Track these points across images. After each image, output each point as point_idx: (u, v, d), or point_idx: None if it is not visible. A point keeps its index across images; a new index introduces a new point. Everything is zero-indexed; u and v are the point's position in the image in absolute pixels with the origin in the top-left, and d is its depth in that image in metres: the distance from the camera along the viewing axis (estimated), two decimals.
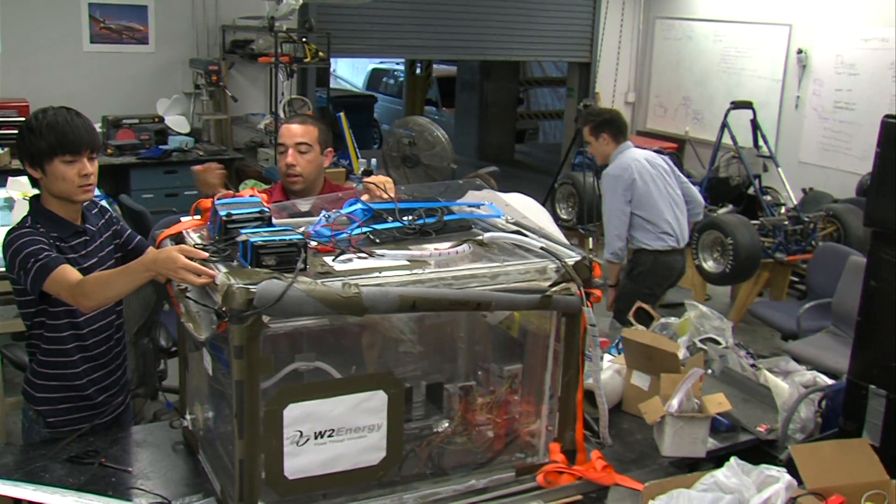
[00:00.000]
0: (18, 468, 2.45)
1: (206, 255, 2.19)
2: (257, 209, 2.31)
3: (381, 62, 16.84)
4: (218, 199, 2.38)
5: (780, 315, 5.83)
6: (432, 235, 2.49)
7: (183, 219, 2.54)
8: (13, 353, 3.98)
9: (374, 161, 7.15)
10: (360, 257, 2.28)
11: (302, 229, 2.37)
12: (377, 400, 2.17)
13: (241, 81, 8.11)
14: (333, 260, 2.24)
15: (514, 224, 2.67)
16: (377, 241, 2.41)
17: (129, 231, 2.93)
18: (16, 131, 6.83)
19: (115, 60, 7.59)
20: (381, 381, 2.20)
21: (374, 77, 17.05)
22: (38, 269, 2.50)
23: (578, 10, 10.05)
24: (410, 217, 2.52)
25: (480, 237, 2.50)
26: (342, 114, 7.89)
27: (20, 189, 4.90)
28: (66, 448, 2.53)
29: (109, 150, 7.04)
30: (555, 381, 2.45)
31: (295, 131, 3.40)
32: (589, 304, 2.34)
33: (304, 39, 7.27)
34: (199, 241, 2.33)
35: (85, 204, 2.81)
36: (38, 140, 2.58)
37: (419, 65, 15.30)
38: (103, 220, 2.88)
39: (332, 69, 20.11)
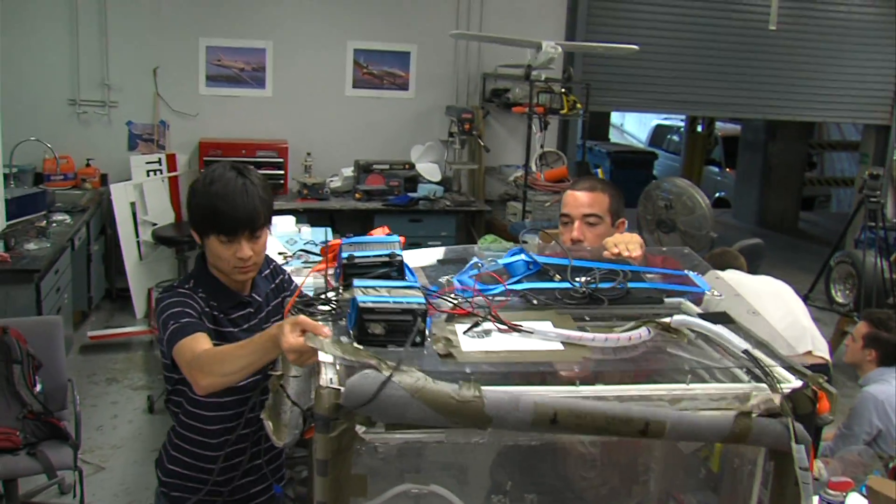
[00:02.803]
0: None
1: (328, 331, 1.73)
2: (387, 251, 1.88)
3: (666, 118, 16.21)
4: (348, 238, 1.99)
5: None
6: (604, 304, 1.96)
7: None
8: None
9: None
10: (500, 330, 1.78)
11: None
12: None
13: (498, 131, 7.87)
14: (465, 332, 1.76)
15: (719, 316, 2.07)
16: (534, 302, 1.93)
17: None
18: (273, 171, 7.05)
19: (375, 105, 7.62)
20: None
21: (658, 133, 16.45)
22: (171, 333, 2.22)
23: (878, 67, 8.97)
24: (585, 278, 2.00)
25: (667, 319, 1.91)
26: (599, 170, 7.45)
27: None
28: None
29: (358, 195, 7.02)
30: None
31: (582, 200, 2.82)
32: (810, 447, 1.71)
33: (563, 90, 6.90)
34: (311, 295, 1.92)
35: (265, 274, 2.54)
36: (197, 209, 2.32)
37: (701, 122, 14.48)
38: (273, 285, 2.55)
39: (620, 123, 19.90)
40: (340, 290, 1.86)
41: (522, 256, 2.07)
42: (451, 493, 1.78)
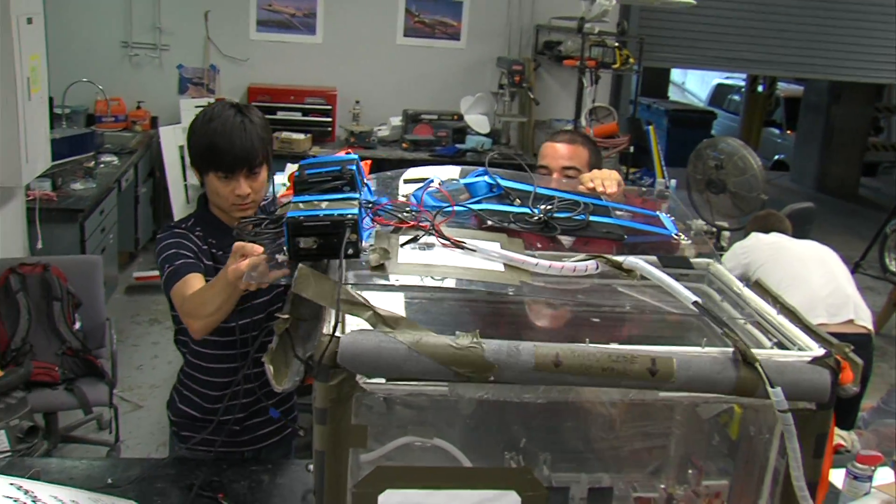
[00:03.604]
0: (136, 484, 2.20)
1: (261, 250, 1.77)
2: (337, 168, 1.79)
3: (727, 77, 15.83)
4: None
5: None
6: (556, 231, 1.87)
7: None
8: None
9: (674, 182, 6.47)
10: (443, 244, 1.74)
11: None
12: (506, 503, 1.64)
13: (549, 84, 7.74)
14: (403, 245, 1.72)
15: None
16: (488, 223, 1.86)
17: None
18: (321, 118, 7.00)
19: (425, 55, 7.53)
20: (516, 478, 1.67)
21: (718, 92, 16.08)
22: (167, 277, 2.23)
23: None
24: (546, 207, 1.91)
25: (620, 258, 1.79)
26: (651, 127, 7.28)
27: None
28: (192, 473, 2.25)
29: (405, 145, 6.98)
30: None
31: (561, 152, 2.76)
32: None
33: (616, 45, 6.74)
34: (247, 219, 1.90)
35: (263, 203, 2.50)
36: (196, 146, 2.32)
37: (762, 82, 14.10)
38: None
39: (682, 81, 19.50)
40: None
41: (485, 178, 2.00)
42: (457, 448, 1.74)
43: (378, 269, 1.62)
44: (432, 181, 2.00)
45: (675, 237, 2.06)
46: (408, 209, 1.85)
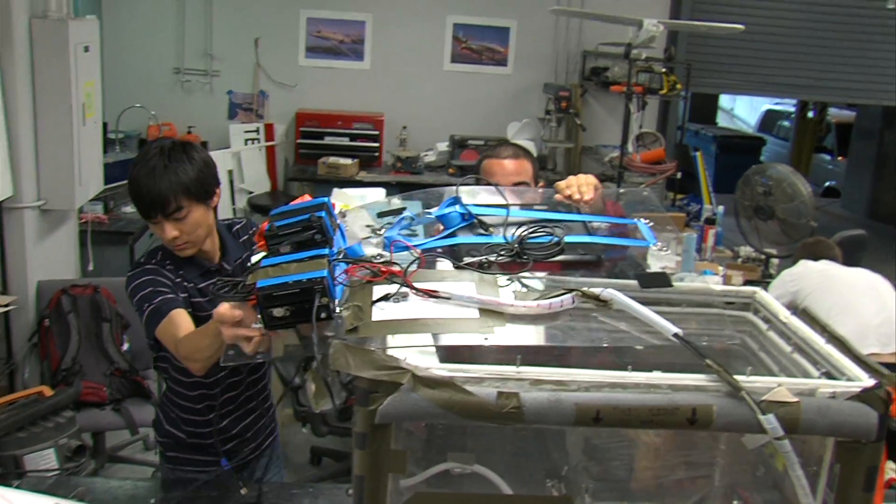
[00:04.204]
0: None
1: (241, 314, 1.68)
2: (306, 216, 1.74)
3: (777, 103, 15.69)
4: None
5: None
6: (529, 264, 1.77)
7: None
8: (284, 369, 3.90)
9: (721, 208, 6.40)
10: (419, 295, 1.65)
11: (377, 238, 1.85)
12: None
13: (596, 110, 7.72)
14: (374, 303, 1.63)
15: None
16: (459, 260, 1.78)
17: None
18: (368, 143, 7.05)
19: (472, 81, 7.56)
20: None
21: (768, 118, 15.94)
22: (149, 316, 2.24)
23: None
24: (520, 233, 1.82)
25: (597, 291, 1.67)
26: (698, 153, 7.24)
27: (343, 201, 4.79)
28: (234, 495, 2.27)
29: (451, 170, 7.00)
30: None
31: (509, 168, 2.75)
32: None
33: (663, 70, 6.71)
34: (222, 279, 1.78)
35: (235, 228, 2.53)
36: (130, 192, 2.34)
37: (813, 108, 13.95)
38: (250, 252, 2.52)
39: (730, 107, 19.34)
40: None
41: (457, 207, 1.92)
42: (497, 474, 1.73)
43: (352, 332, 1.56)
44: (404, 217, 1.94)
45: (655, 248, 1.96)
46: (379, 255, 1.79)
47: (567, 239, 1.85)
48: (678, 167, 6.79)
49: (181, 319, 2.22)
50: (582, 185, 2.16)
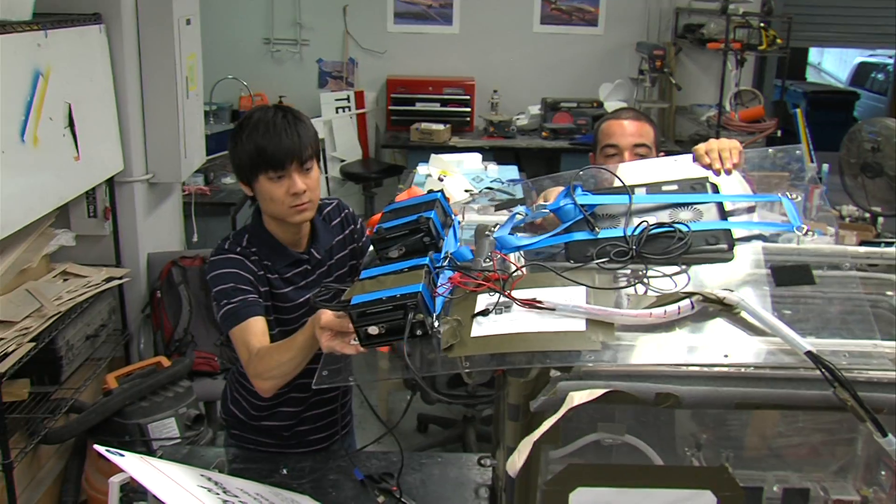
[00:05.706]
0: (309, 476, 2.24)
1: (347, 324, 1.59)
2: (415, 216, 1.70)
3: (871, 55, 15.09)
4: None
5: None
6: (646, 271, 1.63)
7: None
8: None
9: (826, 166, 6.19)
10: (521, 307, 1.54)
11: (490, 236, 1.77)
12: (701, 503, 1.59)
13: (690, 69, 7.52)
14: (473, 316, 1.54)
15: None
16: (575, 260, 1.67)
17: None
18: (460, 108, 6.99)
19: (563, 42, 7.43)
20: (710, 477, 1.61)
21: (861, 71, 15.32)
22: (224, 314, 2.18)
23: None
24: (642, 223, 1.69)
25: (723, 295, 1.51)
26: (798, 110, 7.00)
27: (440, 167, 4.71)
28: (363, 465, 2.28)
29: (545, 133, 6.91)
30: None
31: (630, 129, 2.62)
32: None
33: (761, 25, 6.50)
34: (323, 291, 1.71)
35: (326, 211, 2.44)
36: (242, 153, 2.23)
37: None
38: (342, 236, 2.45)
39: (818, 61, 18.71)
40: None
41: (568, 201, 1.79)
42: (646, 443, 1.70)
43: (447, 350, 1.50)
44: (516, 214, 1.86)
45: (800, 231, 1.76)
46: (487, 258, 1.71)
47: (696, 227, 1.71)
48: (778, 125, 6.59)
49: (257, 327, 2.16)
50: (724, 150, 1.98)
